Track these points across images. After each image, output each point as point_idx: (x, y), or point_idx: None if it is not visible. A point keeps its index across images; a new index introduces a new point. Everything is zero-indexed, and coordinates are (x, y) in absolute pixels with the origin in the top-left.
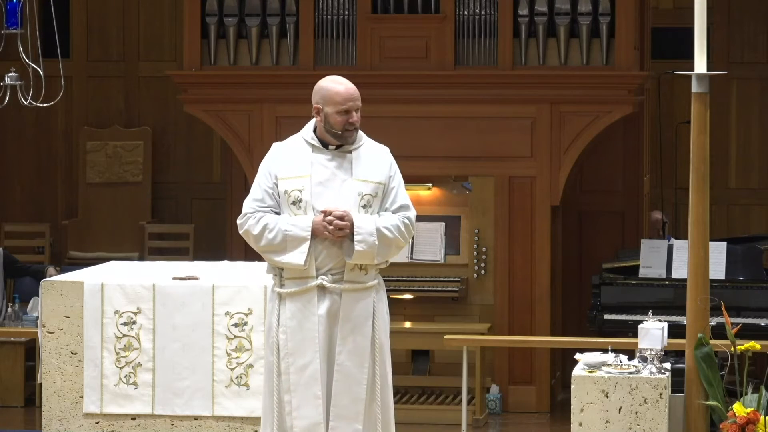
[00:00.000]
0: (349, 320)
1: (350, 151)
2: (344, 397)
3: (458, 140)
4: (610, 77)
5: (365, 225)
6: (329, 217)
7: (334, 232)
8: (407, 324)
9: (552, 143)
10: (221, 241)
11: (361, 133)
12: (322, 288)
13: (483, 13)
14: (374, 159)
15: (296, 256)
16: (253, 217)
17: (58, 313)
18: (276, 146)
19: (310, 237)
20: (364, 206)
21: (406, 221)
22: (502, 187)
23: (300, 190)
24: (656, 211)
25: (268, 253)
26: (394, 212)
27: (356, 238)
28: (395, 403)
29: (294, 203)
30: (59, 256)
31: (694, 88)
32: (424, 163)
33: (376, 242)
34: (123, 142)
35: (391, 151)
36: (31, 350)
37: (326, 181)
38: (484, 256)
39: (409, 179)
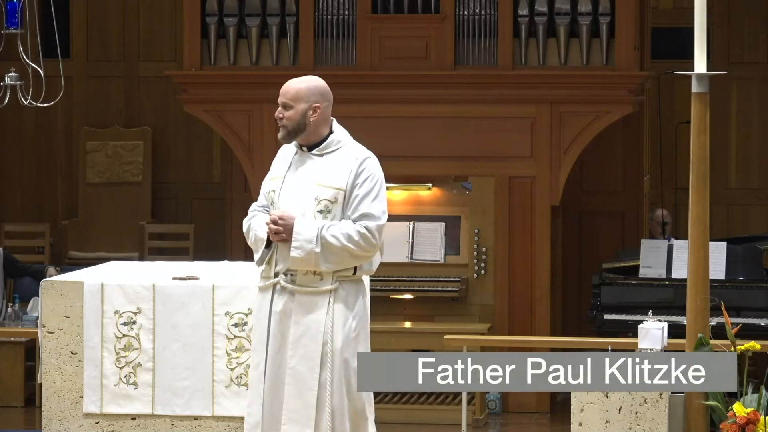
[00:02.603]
0: (300, 323)
1: (322, 155)
2: (296, 401)
3: (458, 140)
4: (610, 77)
5: (305, 231)
6: (268, 220)
7: (272, 236)
8: (407, 324)
9: (552, 143)
10: (221, 241)
11: (340, 136)
12: (280, 287)
13: (483, 13)
14: (340, 164)
15: (256, 256)
16: (248, 217)
17: (58, 313)
18: (283, 146)
19: (265, 238)
20: (320, 211)
21: (363, 230)
22: (502, 187)
23: (274, 191)
24: (660, 208)
25: (254, 251)
26: (354, 221)
27: (293, 244)
28: (395, 403)
29: (272, 203)
30: (59, 256)
31: (694, 88)
32: (424, 163)
33: (316, 249)
34: (123, 142)
35: (391, 152)
36: (31, 350)
37: (295, 183)
38: (484, 256)
39: (409, 179)
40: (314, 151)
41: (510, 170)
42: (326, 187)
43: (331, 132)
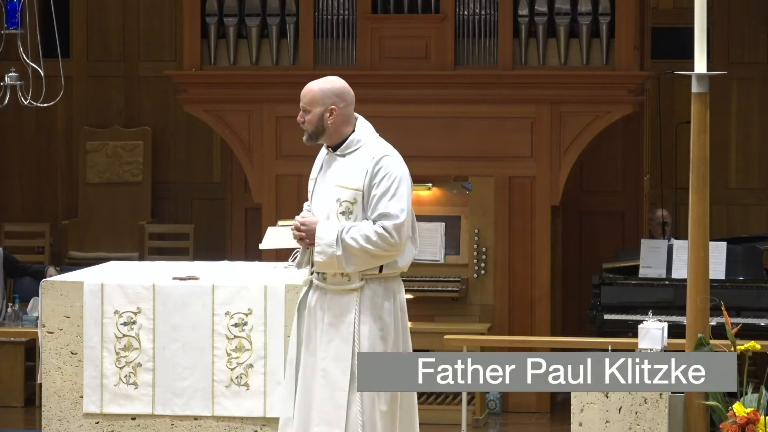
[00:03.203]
0: (332, 325)
1: (344, 155)
2: (327, 402)
3: (458, 140)
4: (610, 77)
5: (326, 235)
6: (293, 225)
7: (298, 242)
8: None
9: (552, 143)
10: (221, 241)
11: (360, 135)
12: (315, 284)
13: (483, 13)
14: (357, 165)
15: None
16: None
17: (58, 313)
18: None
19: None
20: (342, 213)
21: (380, 230)
22: (502, 187)
23: (310, 192)
24: (660, 208)
25: None
26: (374, 221)
27: (316, 249)
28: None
29: (310, 203)
30: (59, 256)
31: (694, 88)
32: (424, 163)
33: (337, 253)
34: (123, 142)
35: None
36: (31, 350)
37: (323, 184)
38: (484, 256)
39: None
40: (338, 152)
41: (510, 170)
42: (346, 188)
43: (353, 131)
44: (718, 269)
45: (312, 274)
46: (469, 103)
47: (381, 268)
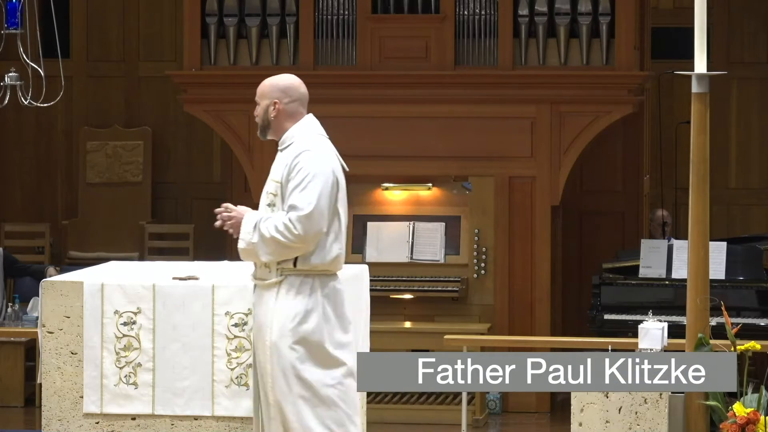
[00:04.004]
0: (257, 316)
1: (282, 150)
2: (261, 387)
3: (458, 140)
4: (610, 77)
5: (247, 224)
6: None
7: (222, 227)
8: (407, 324)
9: (552, 143)
10: (221, 241)
11: (295, 132)
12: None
13: (483, 13)
14: (285, 158)
15: None
16: None
17: (58, 313)
18: None
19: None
20: (268, 204)
21: (286, 221)
22: (502, 187)
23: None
24: (661, 209)
25: None
26: (286, 212)
27: (240, 236)
28: (395, 403)
29: None
30: (59, 256)
31: (694, 88)
32: (424, 163)
33: (253, 240)
34: (123, 142)
35: (391, 152)
36: (31, 350)
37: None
38: (484, 256)
39: (409, 179)
40: (279, 147)
41: (510, 170)
42: (272, 180)
43: (291, 128)
44: (718, 269)
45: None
46: (469, 103)
47: (295, 263)
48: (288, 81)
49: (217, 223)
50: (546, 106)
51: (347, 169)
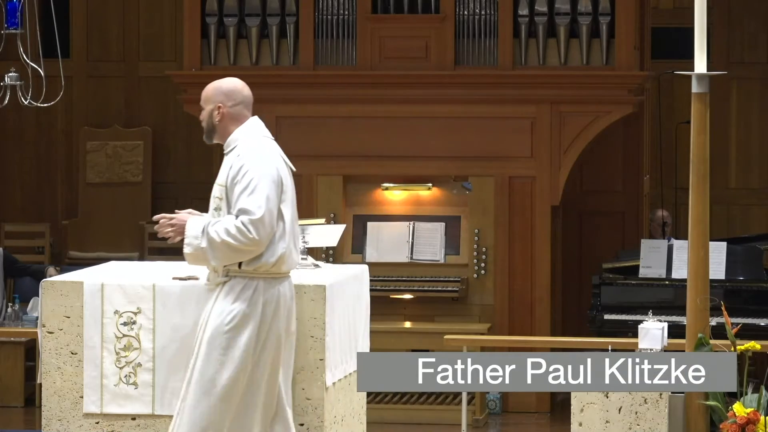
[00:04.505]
0: (201, 316)
1: (227, 153)
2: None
3: (458, 140)
4: (610, 77)
5: (193, 228)
6: (159, 219)
7: (164, 235)
8: (407, 324)
9: (552, 143)
10: None
11: (239, 135)
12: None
13: (483, 13)
14: (228, 162)
15: None
16: None
17: (58, 313)
18: None
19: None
20: (215, 209)
21: (239, 224)
22: (502, 187)
23: None
24: (661, 209)
25: None
26: (236, 216)
27: (185, 241)
28: (395, 403)
29: None
30: (59, 256)
31: (694, 88)
32: (424, 163)
33: (202, 244)
34: (123, 142)
35: (391, 152)
36: (31, 350)
37: None
38: (484, 256)
39: (409, 179)
40: (224, 151)
41: (510, 170)
42: (217, 184)
43: (235, 131)
44: (718, 269)
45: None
46: (469, 103)
47: (240, 264)
48: (231, 84)
49: (157, 227)
50: (546, 106)
51: (294, 170)
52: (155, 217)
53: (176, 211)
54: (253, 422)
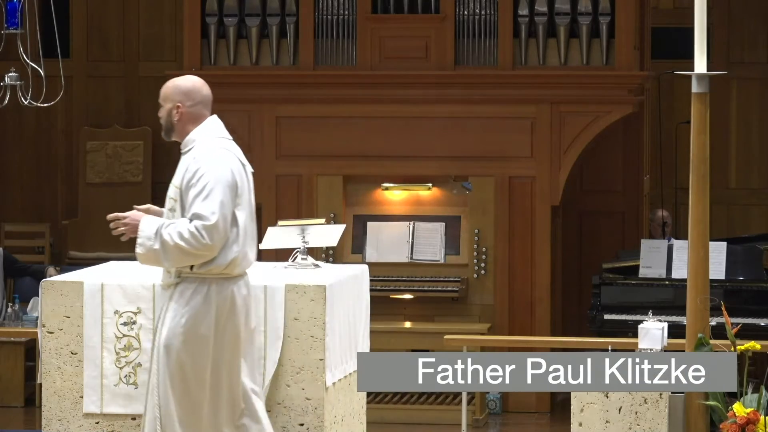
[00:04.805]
0: (158, 317)
1: (184, 153)
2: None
3: (458, 140)
4: (610, 77)
5: (147, 229)
6: (114, 218)
7: (118, 233)
8: (407, 324)
9: (552, 143)
10: None
11: (196, 135)
12: None
13: (483, 13)
14: (184, 163)
15: None
16: None
17: (58, 313)
18: None
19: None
20: (170, 209)
21: (193, 229)
22: (502, 187)
23: None
24: (661, 209)
25: None
26: (190, 220)
27: (138, 241)
28: (395, 403)
29: None
30: (59, 256)
31: (694, 88)
32: (424, 163)
33: (155, 246)
34: (123, 142)
35: (391, 152)
36: (31, 350)
37: None
38: (484, 256)
39: (409, 179)
40: (181, 150)
41: (510, 170)
42: (172, 185)
43: (193, 131)
44: (718, 269)
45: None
46: (469, 103)
47: (192, 266)
48: (190, 84)
49: (112, 224)
50: (546, 106)
51: (251, 170)
52: (108, 217)
53: (134, 206)
54: (219, 419)
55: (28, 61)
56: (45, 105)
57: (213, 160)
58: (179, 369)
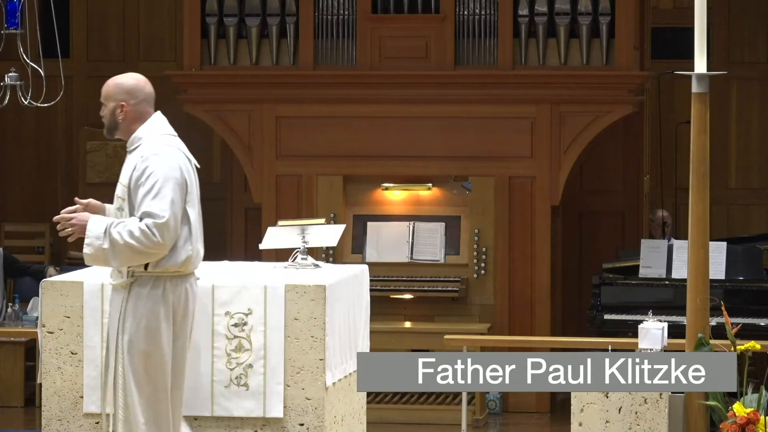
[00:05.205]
0: (109, 317)
1: (130, 152)
2: (109, 386)
3: (458, 140)
4: (610, 77)
5: (95, 228)
6: (61, 219)
7: (65, 233)
8: (407, 324)
9: (552, 143)
10: (221, 241)
11: (143, 134)
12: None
13: (483, 13)
14: (132, 161)
15: None
16: None
17: (58, 313)
18: None
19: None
20: (118, 209)
21: (144, 228)
22: (502, 187)
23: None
24: (661, 209)
25: None
26: (140, 218)
27: (85, 241)
28: (395, 403)
29: None
30: (59, 256)
31: (694, 88)
32: (424, 163)
33: (104, 246)
34: (123, 142)
35: (391, 152)
36: (31, 350)
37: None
38: (484, 256)
39: (409, 179)
40: (127, 149)
41: (510, 170)
42: (120, 184)
43: (139, 129)
44: (718, 269)
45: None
46: (469, 103)
47: (146, 265)
48: (133, 81)
49: (58, 226)
50: (546, 106)
51: (198, 166)
52: (56, 218)
53: (76, 199)
54: (177, 417)
55: (28, 61)
56: (45, 105)
57: (161, 158)
58: (144, 369)
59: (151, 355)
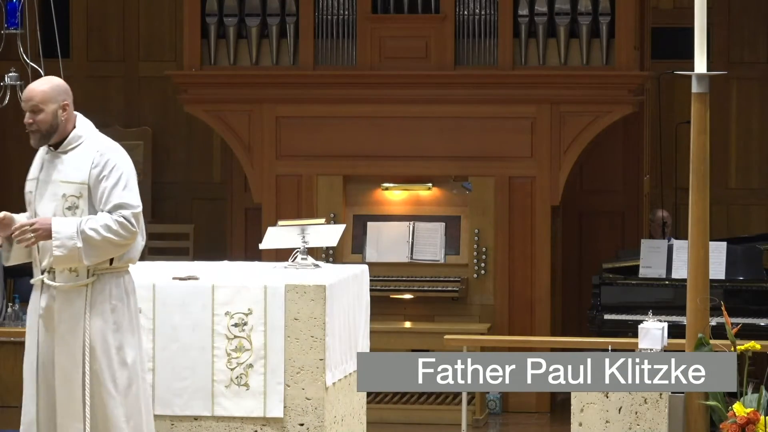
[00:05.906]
0: (63, 320)
1: (66, 152)
2: (66, 396)
3: (458, 140)
4: (610, 77)
5: (64, 229)
6: (18, 229)
7: (25, 243)
8: (407, 324)
9: (552, 143)
10: (221, 241)
11: (81, 132)
12: (45, 285)
13: (483, 13)
14: (81, 159)
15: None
16: None
17: None
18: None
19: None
20: (68, 208)
21: (121, 219)
22: (502, 187)
23: (30, 192)
24: (661, 209)
25: None
26: (110, 212)
27: (54, 243)
28: (395, 403)
29: (29, 205)
30: None
31: (694, 88)
32: (424, 163)
33: (78, 245)
34: (123, 142)
35: (391, 152)
36: None
37: (45, 183)
38: (484, 256)
39: (409, 179)
40: (59, 149)
41: (510, 170)
42: (70, 183)
43: (74, 128)
44: (718, 269)
45: (42, 274)
46: (469, 103)
47: (112, 260)
48: (62, 81)
49: (16, 236)
50: (546, 106)
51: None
52: (13, 229)
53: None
54: (149, 412)
55: (28, 61)
56: None
57: (119, 152)
58: (122, 365)
59: (126, 352)
